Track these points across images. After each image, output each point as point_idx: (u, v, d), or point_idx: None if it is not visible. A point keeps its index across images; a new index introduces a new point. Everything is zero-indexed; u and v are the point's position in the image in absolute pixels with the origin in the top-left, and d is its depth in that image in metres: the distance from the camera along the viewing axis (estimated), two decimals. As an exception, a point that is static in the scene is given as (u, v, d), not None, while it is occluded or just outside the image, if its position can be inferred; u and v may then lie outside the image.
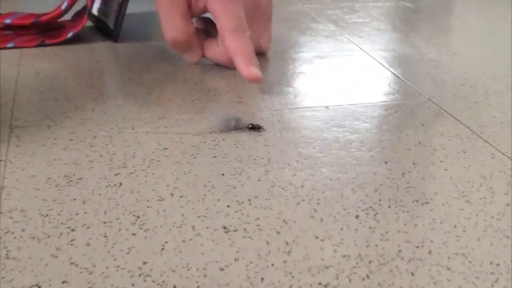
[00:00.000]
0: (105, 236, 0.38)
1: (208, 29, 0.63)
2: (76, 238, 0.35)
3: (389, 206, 0.36)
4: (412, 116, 0.57)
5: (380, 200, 0.38)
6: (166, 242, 0.37)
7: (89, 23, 0.76)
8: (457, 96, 0.64)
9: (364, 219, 0.35)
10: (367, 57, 0.76)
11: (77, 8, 0.75)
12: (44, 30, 0.70)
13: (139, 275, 0.31)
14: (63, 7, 0.67)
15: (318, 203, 0.42)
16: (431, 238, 0.31)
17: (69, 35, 0.69)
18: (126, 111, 0.58)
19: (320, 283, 0.30)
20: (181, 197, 0.43)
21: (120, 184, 0.45)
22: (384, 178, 0.40)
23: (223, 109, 0.54)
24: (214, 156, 0.50)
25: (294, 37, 0.84)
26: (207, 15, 0.62)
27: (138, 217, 0.41)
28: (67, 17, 0.69)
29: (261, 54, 0.69)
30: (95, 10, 0.76)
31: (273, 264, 0.36)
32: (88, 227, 0.37)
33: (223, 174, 0.46)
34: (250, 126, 0.53)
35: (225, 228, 0.40)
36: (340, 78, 0.68)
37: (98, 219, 0.40)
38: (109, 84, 0.65)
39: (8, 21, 0.65)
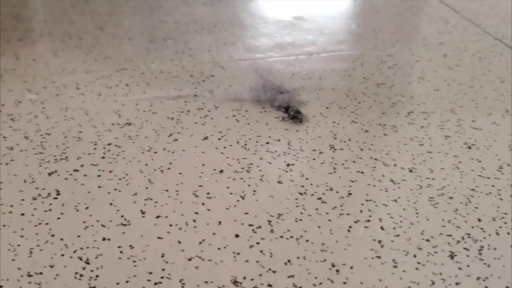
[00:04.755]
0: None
1: None
2: None
3: None
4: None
5: None
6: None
7: None
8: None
9: None
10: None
11: None
12: None
13: None
14: None
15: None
16: None
17: None
18: (67, 58, 0.39)
19: None
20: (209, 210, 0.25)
21: (58, 194, 0.28)
22: None
23: (241, 69, 0.32)
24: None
25: None
26: None
27: (88, 262, 0.24)
28: None
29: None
30: None
31: None
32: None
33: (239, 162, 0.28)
34: (291, 111, 0.30)
35: None
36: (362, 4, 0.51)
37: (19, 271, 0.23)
38: (41, 15, 0.46)
39: None
